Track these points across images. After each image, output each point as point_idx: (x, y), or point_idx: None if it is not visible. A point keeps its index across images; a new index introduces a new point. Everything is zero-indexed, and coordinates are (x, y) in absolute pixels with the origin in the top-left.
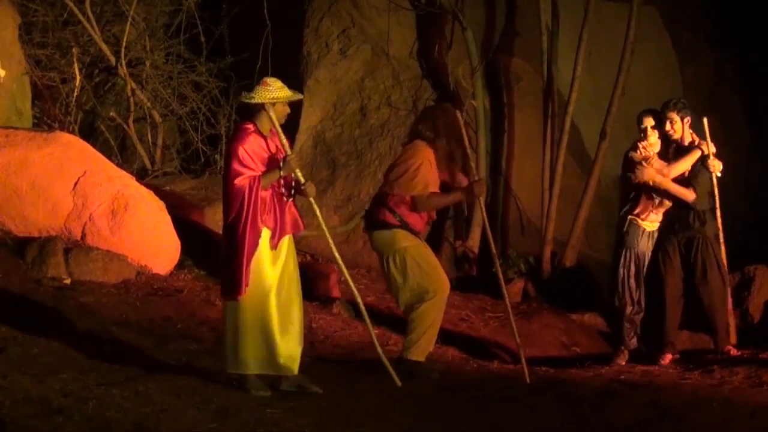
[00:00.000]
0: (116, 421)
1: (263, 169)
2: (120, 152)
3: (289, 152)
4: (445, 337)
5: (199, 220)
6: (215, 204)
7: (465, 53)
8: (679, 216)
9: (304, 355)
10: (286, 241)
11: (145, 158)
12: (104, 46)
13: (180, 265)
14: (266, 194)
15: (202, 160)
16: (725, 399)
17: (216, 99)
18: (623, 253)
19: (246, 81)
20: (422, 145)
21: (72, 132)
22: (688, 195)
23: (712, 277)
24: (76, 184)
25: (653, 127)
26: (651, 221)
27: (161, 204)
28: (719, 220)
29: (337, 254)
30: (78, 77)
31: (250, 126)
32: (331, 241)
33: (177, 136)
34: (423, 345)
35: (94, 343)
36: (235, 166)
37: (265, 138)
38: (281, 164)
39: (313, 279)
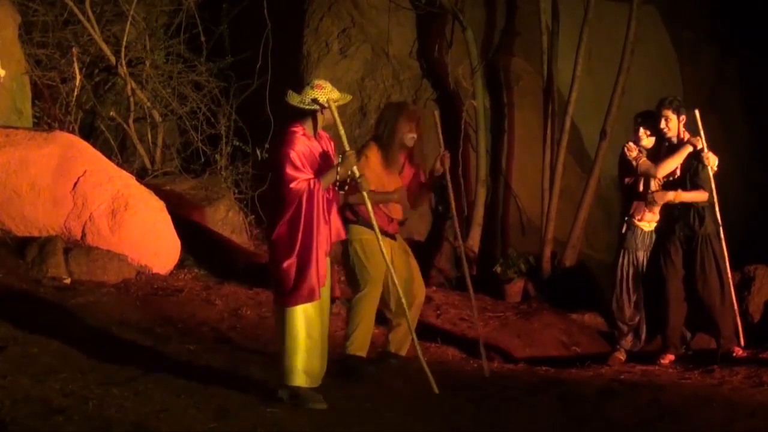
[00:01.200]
0: (116, 420)
1: (312, 171)
2: (120, 152)
3: (347, 148)
4: (445, 336)
5: (199, 220)
6: (215, 203)
7: (465, 53)
8: (679, 215)
9: None
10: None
11: (145, 158)
12: (104, 46)
13: (180, 265)
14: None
15: (202, 159)
16: (725, 399)
17: (216, 99)
18: (621, 254)
19: (246, 81)
20: (369, 144)
21: (72, 131)
22: (702, 196)
23: (711, 276)
24: (76, 183)
25: (647, 129)
26: (647, 221)
27: (161, 204)
28: (719, 217)
29: (384, 250)
30: (78, 77)
31: (299, 128)
32: (379, 237)
33: (177, 135)
34: (359, 339)
35: (94, 342)
36: (289, 170)
37: (312, 140)
38: (339, 161)
39: None
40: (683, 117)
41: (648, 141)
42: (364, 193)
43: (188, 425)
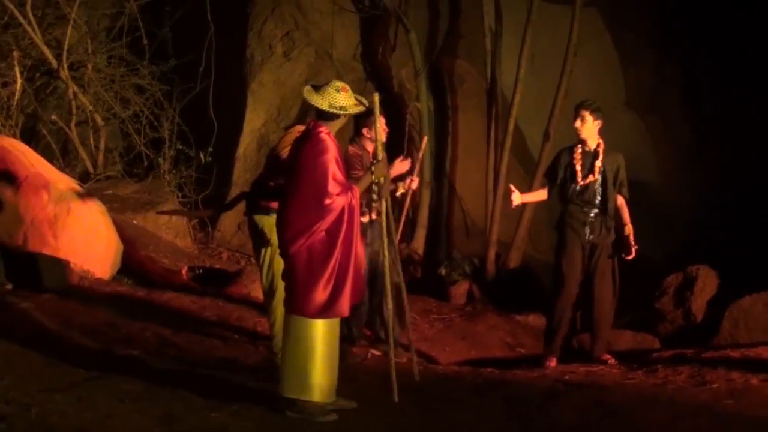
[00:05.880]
0: (59, 427)
1: (343, 175)
2: (62, 156)
3: (380, 156)
4: None
5: (143, 224)
6: (158, 207)
7: (409, 55)
8: (586, 222)
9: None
10: None
11: (88, 162)
12: (46, 49)
13: (123, 270)
14: None
15: (146, 163)
16: (669, 398)
17: (159, 102)
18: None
19: (189, 84)
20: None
21: (13, 136)
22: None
23: (607, 286)
24: (17, 188)
25: (369, 129)
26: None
27: (103, 208)
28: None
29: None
30: (19, 80)
31: (327, 130)
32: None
33: (120, 139)
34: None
35: (37, 349)
36: (331, 179)
37: (335, 142)
38: (372, 169)
39: None
40: (600, 121)
41: (371, 142)
42: (383, 201)
43: (132, 431)
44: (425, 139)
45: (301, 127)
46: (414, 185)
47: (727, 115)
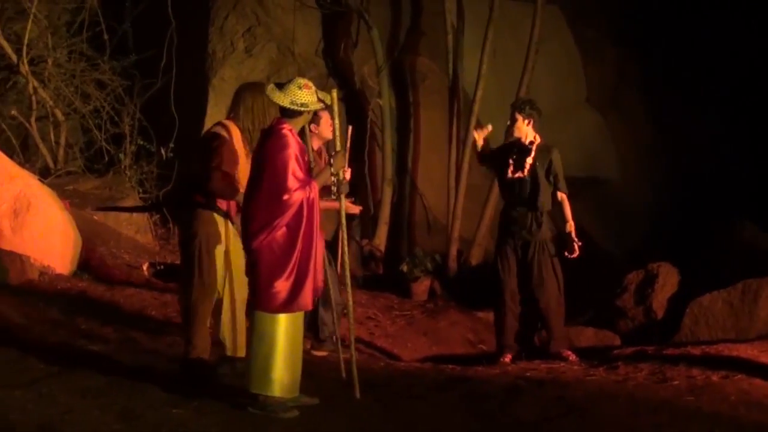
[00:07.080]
0: (20, 423)
1: (304, 173)
2: (22, 151)
3: (339, 148)
4: None
5: (103, 220)
6: (119, 203)
7: (371, 52)
8: (516, 218)
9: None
10: None
11: (48, 157)
12: (5, 44)
13: (83, 266)
14: None
15: (106, 159)
16: (629, 395)
17: (120, 97)
18: None
19: (150, 79)
20: (228, 124)
21: None
22: None
23: (549, 281)
24: None
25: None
26: None
27: (64, 203)
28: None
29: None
30: None
31: (289, 127)
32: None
33: (80, 134)
34: (197, 343)
35: None
36: (291, 175)
37: (297, 138)
38: (331, 161)
39: None
40: (530, 120)
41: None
42: (342, 196)
43: (93, 427)
44: (350, 129)
45: (227, 121)
46: (347, 176)
47: (687, 112)
